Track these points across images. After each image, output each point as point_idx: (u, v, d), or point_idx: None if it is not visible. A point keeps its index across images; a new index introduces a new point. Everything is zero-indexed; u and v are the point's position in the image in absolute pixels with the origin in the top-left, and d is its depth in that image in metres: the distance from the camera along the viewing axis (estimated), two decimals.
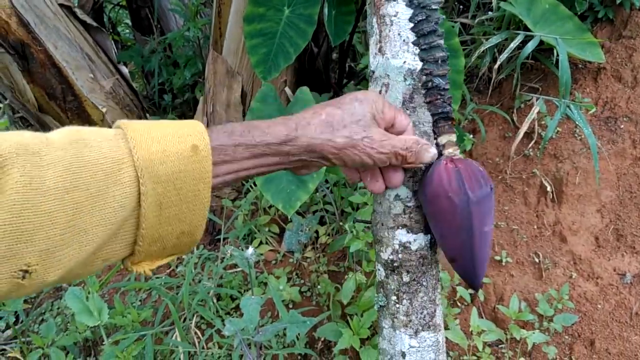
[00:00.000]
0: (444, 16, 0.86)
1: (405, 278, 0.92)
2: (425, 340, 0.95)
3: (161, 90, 3.26)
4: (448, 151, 0.87)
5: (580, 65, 2.54)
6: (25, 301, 2.52)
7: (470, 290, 1.99)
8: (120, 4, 3.70)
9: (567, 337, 1.89)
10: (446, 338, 1.79)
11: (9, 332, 2.25)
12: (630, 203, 2.15)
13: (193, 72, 2.82)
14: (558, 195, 2.21)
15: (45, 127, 2.45)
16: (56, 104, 2.32)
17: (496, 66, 2.29)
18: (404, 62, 0.97)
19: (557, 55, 2.30)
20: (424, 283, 0.92)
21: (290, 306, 2.14)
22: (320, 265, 2.20)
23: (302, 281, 2.24)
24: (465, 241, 0.82)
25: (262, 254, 2.37)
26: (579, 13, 2.46)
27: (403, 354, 0.97)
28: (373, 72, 1.00)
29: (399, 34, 1.00)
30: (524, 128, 2.20)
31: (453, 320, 1.84)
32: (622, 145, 2.27)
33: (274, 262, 2.36)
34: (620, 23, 2.53)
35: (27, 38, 2.14)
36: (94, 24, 2.46)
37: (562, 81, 1.99)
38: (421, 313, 0.93)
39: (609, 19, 2.56)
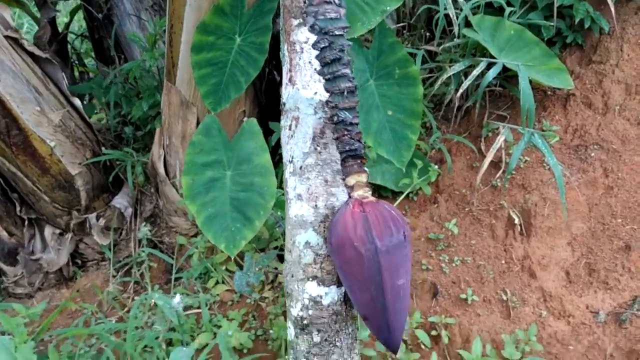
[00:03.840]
0: (350, 42, 0.76)
1: (316, 338, 0.80)
2: None
3: (125, 122, 3.15)
4: (357, 193, 0.76)
5: (549, 92, 2.46)
6: None
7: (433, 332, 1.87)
8: (84, 34, 3.62)
9: None
10: None
11: None
12: (602, 235, 2.05)
13: (151, 104, 2.72)
14: (527, 227, 2.10)
15: None
16: (0, 138, 2.21)
17: (458, 94, 2.20)
18: (315, 92, 0.86)
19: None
20: (338, 344, 0.80)
21: (245, 351, 2.00)
22: (277, 306, 2.07)
23: (259, 323, 2.11)
24: (376, 297, 0.71)
25: (217, 295, 2.24)
26: (546, 39, 2.39)
27: None
28: (284, 104, 0.90)
29: (309, 62, 0.89)
30: (489, 158, 2.10)
31: None
32: (593, 174, 2.18)
33: (230, 302, 2.23)
34: (589, 48, 2.46)
35: None
36: (43, 55, 2.36)
37: (524, 109, 1.90)
38: None
39: (578, 44, 2.49)
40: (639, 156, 2.17)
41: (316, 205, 0.81)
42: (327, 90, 0.80)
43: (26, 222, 2.56)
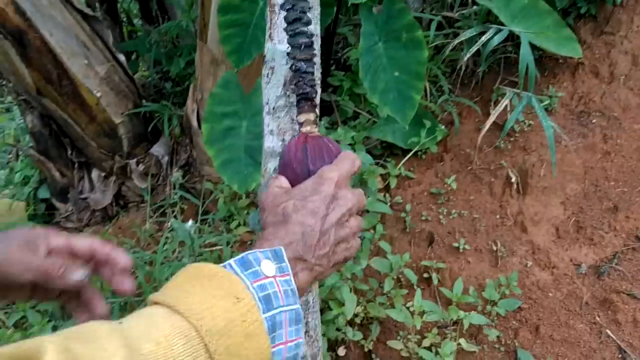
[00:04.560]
0: (310, 5, 0.96)
1: None
2: None
3: (166, 78, 3.42)
4: (305, 129, 0.96)
5: (560, 61, 2.56)
6: None
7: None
8: None
9: (514, 322, 1.95)
10: (391, 318, 1.87)
11: None
12: (594, 196, 2.18)
13: (188, 61, 2.96)
14: (523, 186, 2.25)
15: (45, 107, 2.63)
16: (52, 87, 2.49)
17: (465, 58, 2.34)
18: (288, 47, 1.06)
19: (536, 49, 2.34)
20: None
21: None
22: None
23: None
24: None
25: (239, 235, 2.49)
26: (559, 9, 2.48)
27: None
28: (264, 56, 1.10)
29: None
30: (491, 119, 2.25)
31: (400, 301, 1.92)
32: (592, 139, 2.29)
33: (249, 242, 2.48)
34: (602, 19, 2.54)
35: (24, 25, 2.31)
36: (91, 13, 2.62)
37: (522, 74, 2.03)
38: None
39: (592, 15, 2.56)
40: (639, 124, 2.27)
41: (284, 139, 1.01)
42: (290, 45, 1.00)
43: (76, 165, 2.87)
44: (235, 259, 0.58)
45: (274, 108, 1.03)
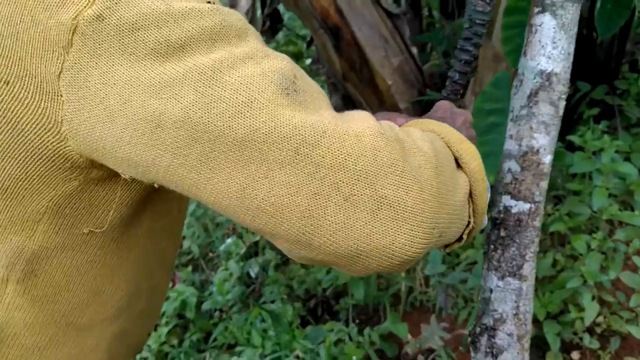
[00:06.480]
0: (484, 31, 1.12)
1: (502, 233, 1.19)
2: (510, 285, 1.21)
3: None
4: None
5: None
6: None
7: None
8: None
9: None
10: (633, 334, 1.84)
11: None
12: None
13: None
14: None
15: (347, 90, 3.13)
16: (355, 74, 2.95)
17: None
18: (538, 63, 1.21)
19: None
20: (517, 240, 1.17)
21: None
22: None
23: None
24: None
25: None
26: None
27: (491, 290, 1.25)
28: (517, 69, 1.27)
29: (539, 41, 1.24)
30: None
31: None
32: None
33: None
34: None
35: (340, 22, 2.79)
36: (395, 11, 2.99)
37: None
38: (510, 263, 1.19)
39: None
40: None
41: (520, 144, 1.17)
42: (455, 56, 1.18)
43: None
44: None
45: (517, 116, 1.19)
